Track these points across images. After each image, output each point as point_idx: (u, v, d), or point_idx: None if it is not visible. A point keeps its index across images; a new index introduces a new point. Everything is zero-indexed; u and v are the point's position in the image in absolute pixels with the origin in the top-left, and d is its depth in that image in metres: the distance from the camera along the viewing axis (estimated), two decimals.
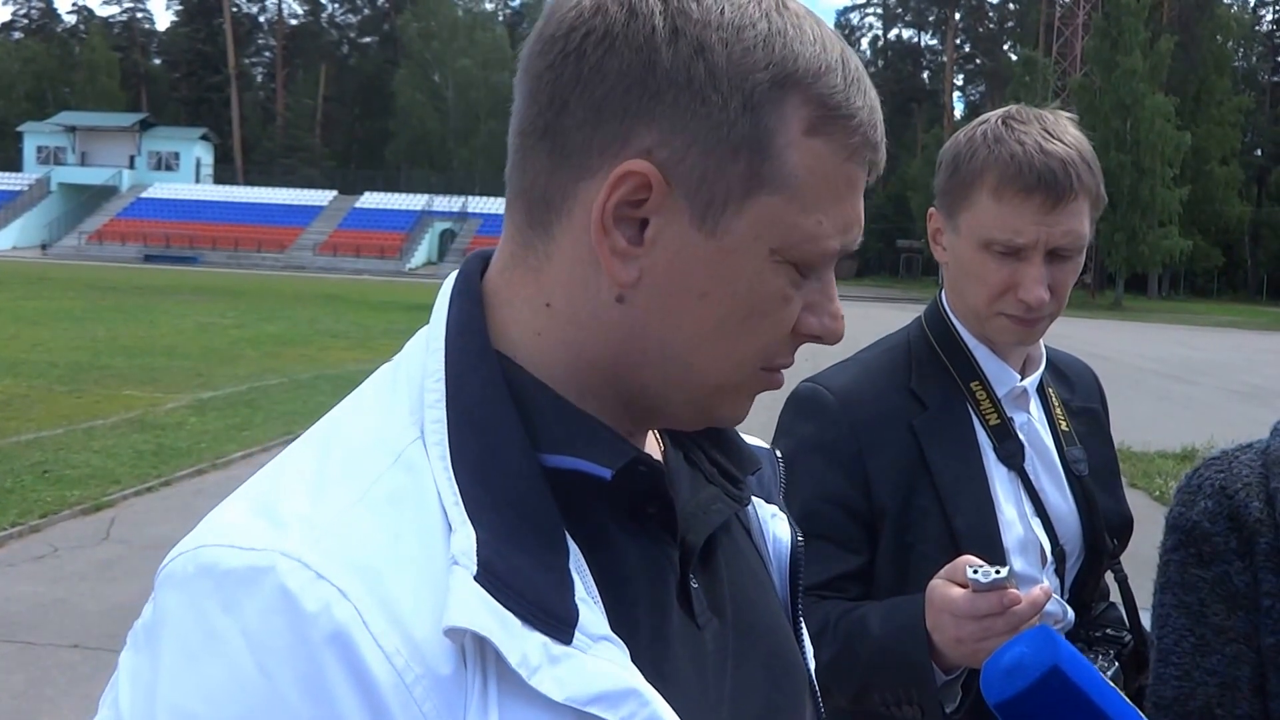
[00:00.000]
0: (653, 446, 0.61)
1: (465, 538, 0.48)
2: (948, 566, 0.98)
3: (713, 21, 0.51)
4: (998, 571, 0.91)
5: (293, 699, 0.44)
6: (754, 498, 0.69)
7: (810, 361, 1.38)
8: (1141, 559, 1.00)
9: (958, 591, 0.94)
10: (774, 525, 0.70)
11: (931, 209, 1.22)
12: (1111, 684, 0.66)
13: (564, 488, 0.52)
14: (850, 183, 0.54)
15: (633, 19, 0.50)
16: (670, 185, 0.51)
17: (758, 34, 0.51)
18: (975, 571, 0.91)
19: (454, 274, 0.58)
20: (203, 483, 6.06)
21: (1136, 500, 6.35)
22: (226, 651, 0.45)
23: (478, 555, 0.47)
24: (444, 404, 0.52)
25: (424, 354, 0.54)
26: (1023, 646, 0.65)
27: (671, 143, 0.51)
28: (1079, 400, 1.30)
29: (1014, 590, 0.91)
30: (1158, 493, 6.64)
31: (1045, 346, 1.28)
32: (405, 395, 0.53)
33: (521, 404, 0.53)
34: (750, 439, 0.71)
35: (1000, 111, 1.17)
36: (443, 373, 0.53)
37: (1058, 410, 1.25)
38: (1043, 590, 0.92)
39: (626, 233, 0.52)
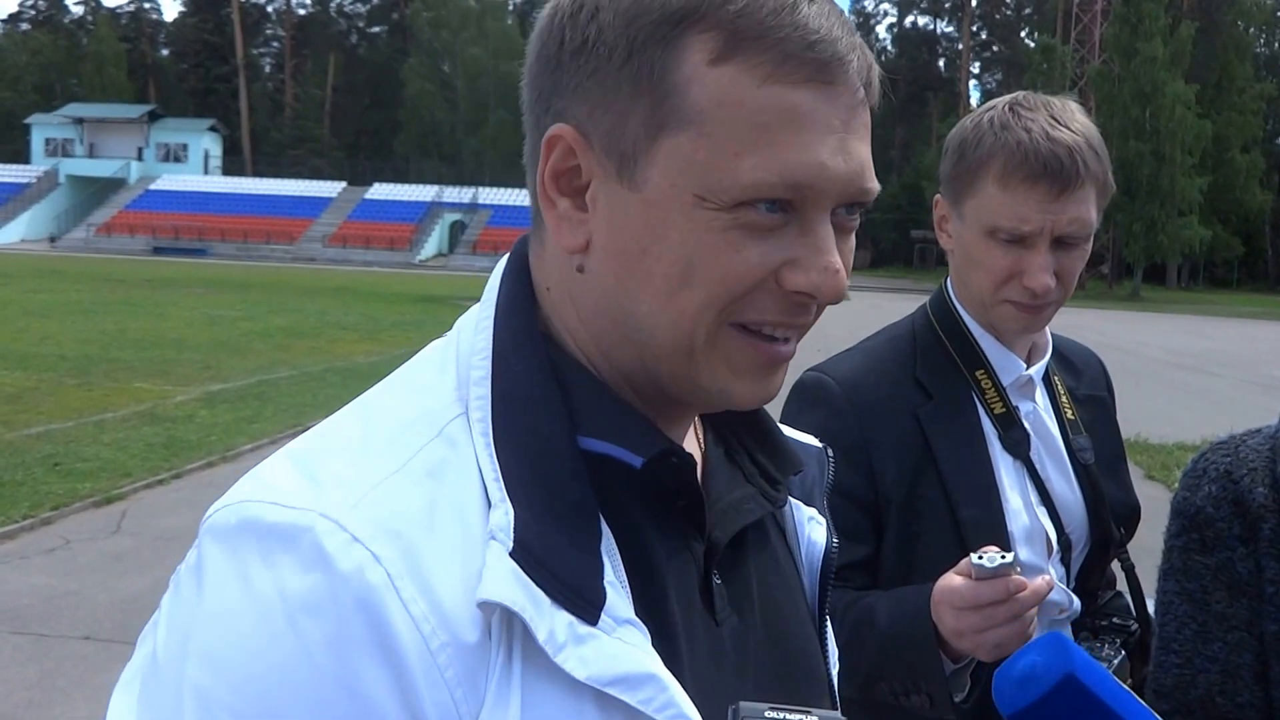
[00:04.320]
0: (692, 443, 0.61)
1: (504, 514, 0.49)
2: (961, 563, 0.96)
3: None
4: (1003, 557, 0.89)
5: (319, 655, 0.45)
6: (794, 499, 0.69)
7: (822, 352, 1.28)
8: (1159, 550, 0.93)
9: (959, 581, 0.93)
10: (810, 528, 0.70)
11: (938, 196, 1.20)
12: (1126, 687, 0.65)
13: (599, 472, 0.53)
14: (785, 110, 0.50)
15: (555, 11, 0.54)
16: (590, 144, 0.53)
17: None
18: (980, 558, 0.90)
19: (508, 254, 0.60)
20: (213, 475, 6.02)
21: (1154, 492, 6.36)
22: (260, 604, 0.46)
23: (514, 532, 0.48)
24: (489, 381, 0.53)
25: (473, 333, 0.56)
26: (1034, 655, 0.63)
27: (582, 105, 0.53)
28: (1085, 388, 1.28)
29: (1018, 577, 0.90)
30: (1175, 485, 6.55)
31: (1051, 334, 1.27)
32: (452, 372, 0.55)
33: (563, 386, 0.54)
34: (801, 436, 0.71)
35: (1007, 98, 1.16)
36: (489, 351, 0.54)
37: (1064, 398, 1.24)
38: (1045, 580, 0.91)
39: (575, 201, 0.54)
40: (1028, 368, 1.21)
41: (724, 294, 0.52)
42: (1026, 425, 1.19)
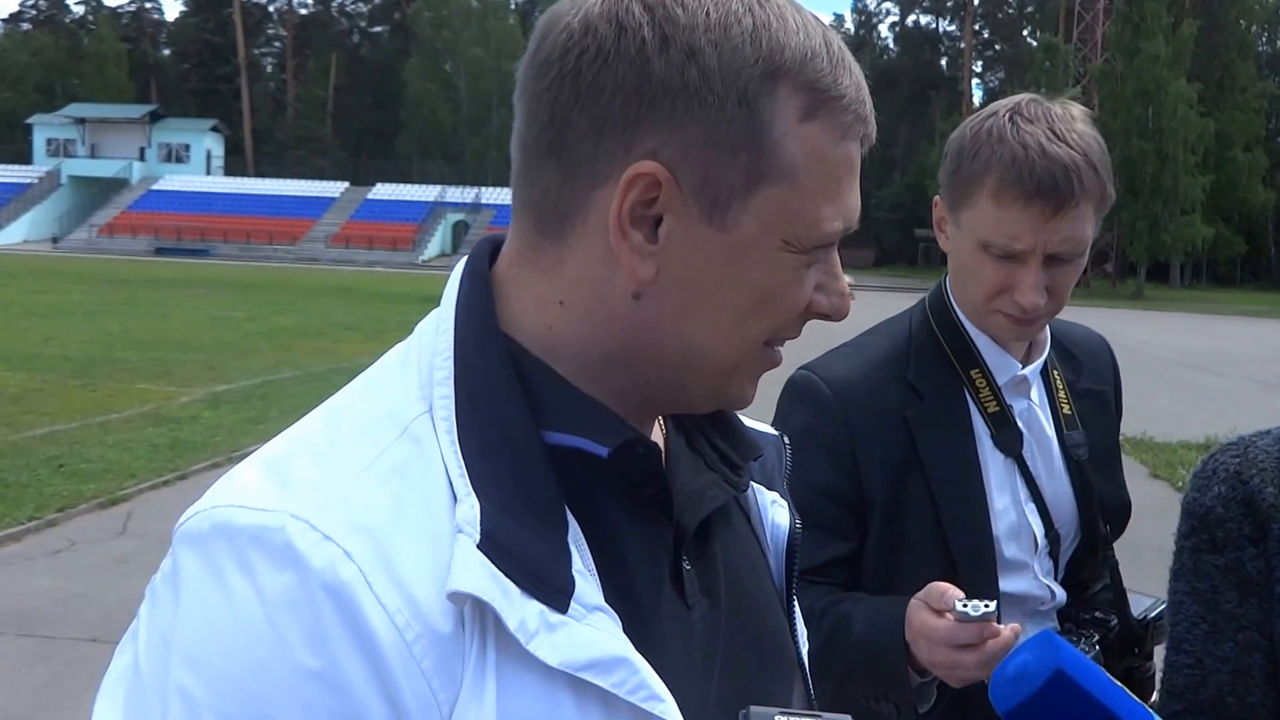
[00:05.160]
0: (655, 433, 0.63)
1: (470, 508, 0.50)
2: (927, 590, 1.01)
3: (699, 24, 0.53)
4: (986, 606, 0.94)
5: (298, 650, 0.47)
6: (756, 484, 0.70)
7: (825, 342, 1.25)
8: (1167, 550, 0.94)
9: (936, 621, 0.98)
10: (774, 512, 0.71)
11: (937, 197, 1.21)
12: (1116, 681, 0.67)
13: (564, 465, 0.54)
14: (848, 163, 0.56)
15: (622, 34, 0.53)
16: (678, 183, 0.53)
17: (743, 30, 0.53)
18: (964, 605, 0.95)
19: (464, 259, 0.61)
20: (219, 476, 5.94)
21: (1158, 491, 6.36)
22: (238, 605, 0.48)
23: (481, 525, 0.50)
24: (451, 381, 0.54)
25: (434, 334, 0.57)
26: (1026, 654, 0.67)
27: (674, 144, 0.53)
28: (1086, 382, 1.29)
29: (994, 625, 0.94)
30: (1180, 483, 6.58)
31: (1059, 323, 1.28)
32: (415, 373, 0.56)
33: (526, 383, 0.55)
34: (757, 425, 0.73)
35: (1010, 103, 1.14)
36: (451, 351, 0.55)
37: (1061, 394, 1.25)
38: (1012, 630, 0.96)
39: (644, 232, 0.54)
40: (1024, 366, 1.22)
41: (784, 321, 0.57)
42: (1020, 423, 1.21)
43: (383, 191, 47.14)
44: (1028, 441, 1.21)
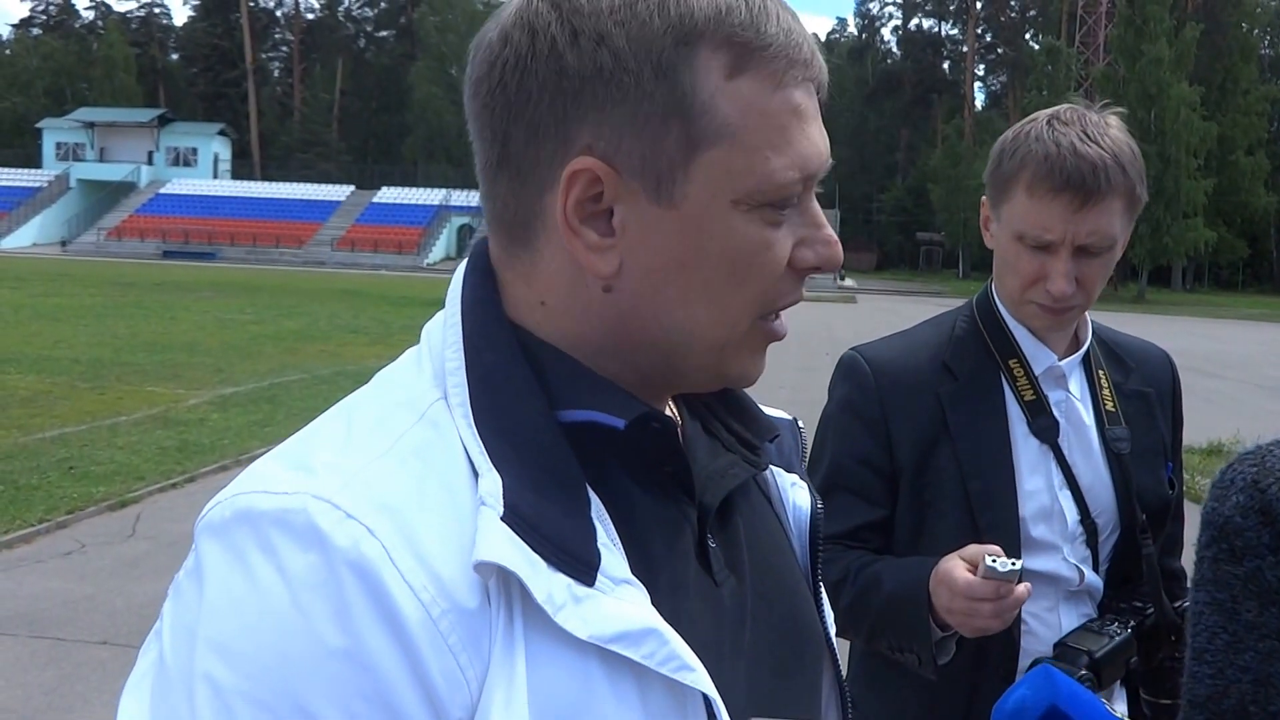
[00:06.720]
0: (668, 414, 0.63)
1: (492, 482, 0.50)
2: (968, 547, 1.09)
3: (604, 9, 0.53)
4: (1014, 564, 1.02)
5: (325, 631, 0.46)
6: (775, 466, 0.71)
7: (830, 355, 1.41)
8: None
9: (960, 572, 1.06)
10: (794, 493, 0.71)
11: (984, 197, 1.30)
12: (1115, 713, 0.69)
13: (582, 443, 0.54)
14: (794, 110, 0.54)
15: (535, 37, 0.53)
16: (618, 172, 0.53)
17: (649, 4, 0.53)
18: (994, 561, 1.03)
19: (466, 258, 0.62)
20: (226, 479, 5.87)
21: None
22: (262, 588, 0.47)
23: (504, 498, 0.50)
24: (463, 369, 0.55)
25: (442, 330, 0.58)
26: (1024, 689, 0.69)
27: (605, 133, 0.53)
28: (1133, 384, 1.35)
29: (1011, 584, 1.03)
30: (1186, 487, 6.56)
31: (1113, 333, 1.38)
32: (428, 367, 0.57)
33: (537, 366, 0.56)
34: (770, 409, 0.72)
35: (1051, 110, 1.23)
36: (460, 342, 0.56)
37: (1105, 391, 1.31)
38: (1025, 589, 1.05)
39: (597, 227, 0.54)
40: (1061, 359, 1.29)
41: (765, 289, 0.56)
42: (1056, 413, 1.27)
43: (388, 195, 47.21)
44: (1065, 431, 1.27)
